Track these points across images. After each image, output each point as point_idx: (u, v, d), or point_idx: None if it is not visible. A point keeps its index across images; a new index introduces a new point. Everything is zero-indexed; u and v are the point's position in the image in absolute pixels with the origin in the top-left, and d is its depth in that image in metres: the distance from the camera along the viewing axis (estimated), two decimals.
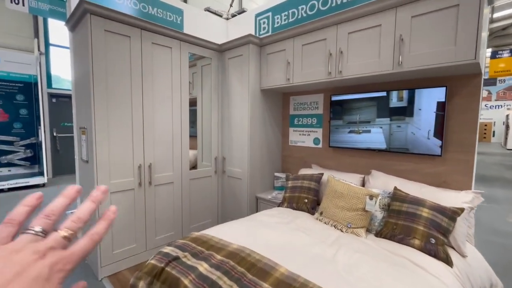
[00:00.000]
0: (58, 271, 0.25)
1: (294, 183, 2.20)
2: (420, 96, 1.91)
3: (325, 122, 2.64)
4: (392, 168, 2.17)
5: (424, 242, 1.42)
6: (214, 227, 1.72)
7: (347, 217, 1.68)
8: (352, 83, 2.22)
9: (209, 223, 2.93)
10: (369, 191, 1.70)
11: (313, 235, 1.56)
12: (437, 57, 1.59)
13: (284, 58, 2.45)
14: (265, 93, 2.77)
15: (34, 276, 0.24)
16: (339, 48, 2.03)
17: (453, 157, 1.88)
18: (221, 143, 2.96)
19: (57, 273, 0.25)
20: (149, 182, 2.35)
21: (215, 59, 2.86)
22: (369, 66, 1.89)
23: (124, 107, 2.14)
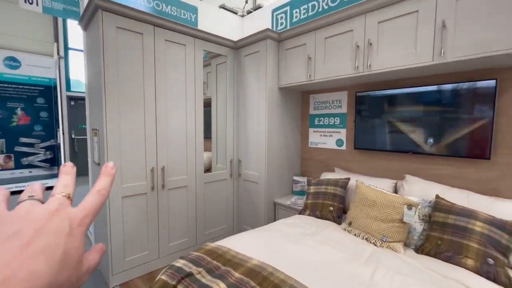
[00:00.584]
0: (77, 225, 0.24)
1: (317, 189, 2.01)
2: (464, 91, 1.67)
3: (349, 122, 2.43)
4: (428, 173, 1.92)
5: (480, 263, 1.20)
6: (231, 238, 1.56)
7: (381, 229, 1.47)
8: (382, 78, 2.01)
9: (224, 229, 2.78)
10: (407, 200, 1.48)
11: (344, 250, 1.37)
12: (491, 44, 1.36)
13: (304, 53, 2.27)
14: (283, 91, 2.60)
15: (55, 229, 0.23)
16: (368, 40, 1.83)
17: (505, 160, 1.63)
18: (237, 145, 2.82)
19: (77, 228, 0.24)
20: (162, 185, 2.23)
21: (231, 56, 2.72)
22: (404, 58, 1.68)
23: (137, 107, 2.05)
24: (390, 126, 2.00)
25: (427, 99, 1.81)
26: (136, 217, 2.10)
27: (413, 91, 1.89)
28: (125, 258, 2.06)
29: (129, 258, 2.08)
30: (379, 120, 2.08)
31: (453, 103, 1.71)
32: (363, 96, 2.18)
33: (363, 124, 2.18)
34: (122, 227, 2.02)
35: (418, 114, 1.86)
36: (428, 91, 1.81)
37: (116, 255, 2.00)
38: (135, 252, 2.11)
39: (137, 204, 2.10)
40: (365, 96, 2.16)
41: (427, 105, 1.82)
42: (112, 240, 1.97)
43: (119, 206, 1.99)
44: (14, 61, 4.73)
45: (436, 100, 1.78)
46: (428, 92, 1.80)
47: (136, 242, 2.11)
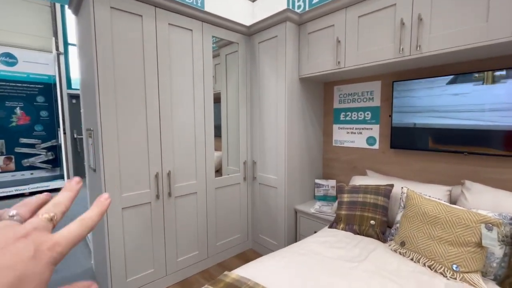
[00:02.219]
0: (46, 250, 0.23)
1: (352, 198, 1.68)
2: None
3: (383, 117, 2.08)
4: (487, 177, 1.58)
5: None
6: (253, 263, 1.25)
7: (450, 255, 1.14)
8: (434, 62, 1.65)
9: (238, 238, 2.48)
10: (484, 217, 1.15)
11: (406, 285, 1.04)
12: None
13: (332, 36, 1.92)
14: (304, 83, 2.27)
15: (15, 251, 0.22)
16: (418, 15, 1.48)
17: None
18: (251, 144, 2.50)
19: (45, 252, 0.23)
20: (169, 193, 1.94)
21: (243, 44, 2.39)
22: (469, 35, 1.32)
23: (137, 103, 1.74)
24: (439, 91, 1.63)
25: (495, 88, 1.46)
26: (139, 231, 1.81)
27: (468, 76, 1.53)
28: (127, 278, 1.78)
29: (132, 278, 1.80)
30: (424, 113, 1.73)
31: None
32: (404, 85, 1.82)
33: (401, 119, 1.84)
34: (123, 243, 1.73)
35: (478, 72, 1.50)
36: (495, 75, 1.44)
37: (117, 276, 1.72)
38: (138, 271, 1.83)
39: (140, 216, 1.81)
40: (407, 85, 1.81)
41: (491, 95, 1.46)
42: (111, 259, 1.69)
43: (119, 219, 1.71)
44: (10, 58, 4.47)
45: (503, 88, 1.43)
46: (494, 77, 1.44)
47: (139, 260, 1.83)
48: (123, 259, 1.74)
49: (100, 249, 1.83)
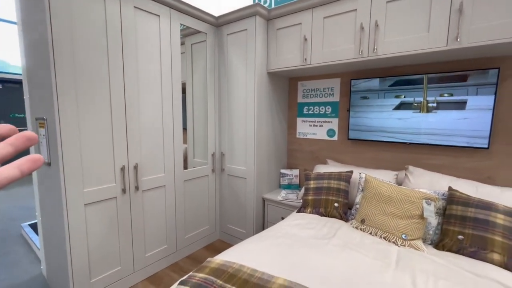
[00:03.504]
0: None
1: (318, 183, 1.85)
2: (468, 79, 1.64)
3: (342, 111, 2.31)
4: (424, 163, 1.91)
5: (507, 257, 1.16)
6: (236, 248, 1.31)
7: (400, 227, 1.37)
8: (387, 64, 1.89)
9: (207, 230, 2.50)
10: (425, 194, 1.40)
11: (368, 254, 1.23)
12: (509, 29, 1.31)
13: (299, 34, 2.04)
14: (272, 77, 2.36)
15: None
16: (375, 21, 1.68)
17: (502, 149, 1.65)
18: (219, 136, 2.51)
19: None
20: (136, 187, 1.85)
21: (211, 35, 2.36)
22: (415, 42, 1.56)
23: (100, 91, 1.61)
24: (388, 95, 1.91)
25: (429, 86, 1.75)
26: (104, 228, 1.70)
27: (412, 78, 1.82)
28: (92, 279, 1.66)
29: (97, 278, 1.69)
30: (374, 108, 1.99)
31: (456, 91, 1.67)
32: (359, 83, 2.05)
33: (357, 113, 2.07)
34: (86, 242, 1.61)
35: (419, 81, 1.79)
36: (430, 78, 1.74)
37: (79, 277, 1.59)
38: (104, 270, 1.72)
39: (104, 212, 1.69)
40: (361, 84, 2.04)
41: (428, 92, 1.76)
42: (73, 260, 1.56)
43: (81, 216, 1.58)
44: None
45: (438, 88, 1.73)
46: (430, 79, 1.73)
47: (105, 258, 1.72)
48: (86, 259, 1.62)
49: (57, 252, 1.67)
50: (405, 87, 1.84)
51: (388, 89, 1.92)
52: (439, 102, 1.71)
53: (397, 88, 1.88)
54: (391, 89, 1.91)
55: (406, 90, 1.84)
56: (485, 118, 1.59)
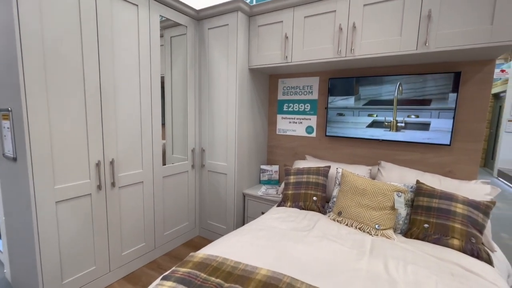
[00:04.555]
0: None
1: (297, 178, 1.91)
2: (433, 82, 1.78)
3: (320, 109, 2.39)
4: (395, 158, 2.05)
5: (465, 242, 1.29)
6: (218, 242, 1.32)
7: (374, 218, 1.47)
8: (362, 64, 1.99)
9: (186, 226, 2.47)
10: (396, 187, 1.51)
11: (345, 244, 1.30)
12: (470, 37, 1.44)
13: (281, 32, 2.08)
14: (253, 73, 2.38)
15: None
16: (353, 23, 1.76)
17: (461, 146, 1.82)
18: (200, 132, 2.49)
19: None
20: (112, 183, 1.78)
21: (192, 28, 2.32)
22: (388, 45, 1.66)
23: (73, 81, 1.52)
24: (362, 113, 2.03)
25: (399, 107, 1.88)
26: (77, 226, 1.62)
27: (387, 79, 1.93)
28: (63, 280, 1.58)
29: (69, 279, 1.61)
30: (350, 125, 2.09)
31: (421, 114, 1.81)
32: (337, 82, 2.14)
33: (333, 129, 2.18)
34: (57, 241, 1.52)
35: (390, 102, 1.92)
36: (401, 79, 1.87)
37: (50, 279, 1.51)
38: (77, 270, 1.64)
39: (78, 210, 1.61)
40: (339, 83, 2.13)
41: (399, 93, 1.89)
42: (42, 261, 1.47)
43: (52, 214, 1.49)
44: None
45: (407, 89, 1.86)
46: (400, 80, 1.86)
47: (78, 258, 1.64)
48: (57, 260, 1.53)
49: (24, 253, 1.56)
50: (378, 107, 1.97)
51: (362, 107, 2.04)
52: (407, 122, 1.86)
53: (371, 107, 2.00)
54: (365, 108, 2.03)
55: (378, 109, 1.97)
56: (446, 136, 1.75)
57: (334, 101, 2.17)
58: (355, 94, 2.07)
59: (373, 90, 1.99)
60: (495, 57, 1.67)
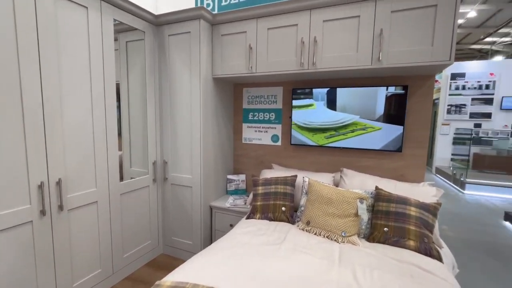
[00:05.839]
0: None
1: (266, 189, 1.91)
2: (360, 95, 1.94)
3: (285, 118, 2.44)
4: (356, 165, 2.18)
5: (419, 242, 1.42)
6: (187, 265, 1.23)
7: (340, 225, 1.53)
8: (323, 76, 2.08)
9: (148, 245, 2.30)
10: (358, 194, 1.60)
11: (316, 254, 1.32)
12: (415, 55, 1.60)
13: (245, 42, 2.07)
14: (217, 82, 2.33)
15: None
16: (314, 37, 1.83)
17: (410, 152, 2.01)
18: (161, 143, 2.34)
19: None
20: (59, 206, 1.57)
21: (150, 34, 2.19)
22: (346, 59, 1.77)
23: (6, 96, 1.30)
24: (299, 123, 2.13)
25: (358, 99, 2.02)
26: (14, 260, 1.38)
27: (321, 91, 2.06)
28: None
29: None
30: (305, 116, 2.18)
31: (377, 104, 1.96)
32: (300, 92, 2.21)
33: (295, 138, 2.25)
34: None
35: (349, 111, 2.05)
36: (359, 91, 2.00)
37: None
38: None
39: (16, 241, 1.38)
40: (301, 93, 2.20)
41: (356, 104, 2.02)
42: None
43: None
44: None
45: (363, 101, 2.00)
46: (359, 92, 2.00)
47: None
48: None
49: None
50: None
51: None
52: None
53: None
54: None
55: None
56: (398, 143, 1.92)
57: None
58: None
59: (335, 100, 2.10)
60: (435, 74, 1.89)
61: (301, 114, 2.22)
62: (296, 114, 2.25)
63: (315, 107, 2.17)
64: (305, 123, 2.21)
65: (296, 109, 2.24)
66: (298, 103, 2.23)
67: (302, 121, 2.22)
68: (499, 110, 6.04)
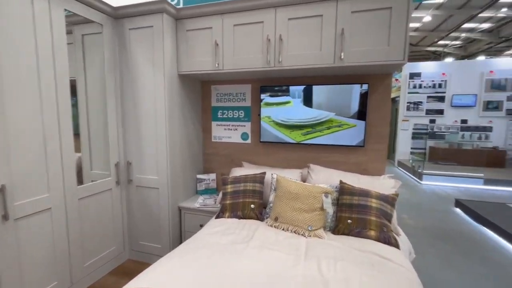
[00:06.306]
0: None
1: (235, 187, 1.89)
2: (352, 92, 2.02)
3: (254, 116, 2.44)
4: (323, 160, 2.25)
5: (379, 232, 1.50)
6: (152, 270, 1.18)
7: (306, 220, 1.56)
8: (289, 74, 2.11)
9: (113, 251, 2.17)
10: (324, 188, 1.65)
11: (282, 249, 1.34)
12: (374, 55, 1.69)
13: (211, 38, 2.03)
14: (183, 79, 2.26)
15: None
16: (280, 35, 1.85)
17: (372, 147, 2.13)
18: (124, 143, 2.22)
19: None
20: (3, 216, 1.41)
21: (109, 27, 2.05)
22: (311, 58, 1.81)
23: None
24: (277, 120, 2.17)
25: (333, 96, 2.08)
26: None
27: (297, 88, 2.11)
28: None
29: None
30: (282, 113, 2.20)
31: (342, 102, 2.04)
32: (267, 90, 2.22)
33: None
34: None
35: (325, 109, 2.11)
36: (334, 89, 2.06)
37: None
38: None
39: None
40: (269, 90, 2.22)
41: (322, 101, 2.09)
42: None
43: None
44: None
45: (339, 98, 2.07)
46: (334, 89, 2.06)
47: None
48: None
49: None
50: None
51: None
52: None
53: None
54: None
55: None
56: (361, 139, 2.02)
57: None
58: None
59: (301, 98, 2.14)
60: (392, 72, 2.01)
61: (278, 111, 2.23)
62: (273, 111, 2.25)
63: (292, 104, 2.19)
64: (282, 120, 2.23)
65: (273, 106, 2.25)
66: (275, 100, 2.22)
67: (280, 118, 2.23)
68: (450, 107, 6.64)
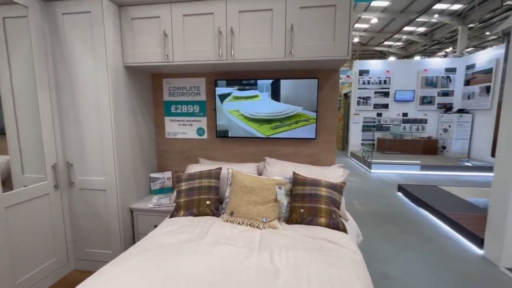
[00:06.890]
0: None
1: (189, 184, 1.83)
2: (302, 86, 2.09)
3: (209, 110, 2.38)
4: (278, 153, 2.30)
5: (328, 219, 1.59)
6: (95, 278, 1.07)
7: (261, 212, 1.58)
8: (243, 68, 2.09)
9: (54, 263, 1.95)
10: (277, 180, 1.68)
11: (237, 244, 1.33)
12: (321, 50, 1.76)
13: (159, 28, 1.91)
14: (130, 71, 2.10)
15: None
16: (231, 27, 1.82)
17: (323, 139, 2.24)
18: (63, 142, 1.99)
19: None
20: None
21: (37, 10, 1.80)
22: (263, 51, 1.82)
23: None
24: (246, 114, 2.17)
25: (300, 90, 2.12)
26: None
27: (265, 82, 2.13)
28: None
29: None
30: (251, 107, 2.19)
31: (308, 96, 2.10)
32: (222, 84, 2.19)
33: (222, 112, 2.23)
34: None
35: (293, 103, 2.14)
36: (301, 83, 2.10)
37: None
38: None
39: None
40: (224, 84, 2.18)
41: (289, 95, 2.12)
42: None
43: None
44: None
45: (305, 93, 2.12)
46: (301, 84, 2.10)
47: None
48: None
49: None
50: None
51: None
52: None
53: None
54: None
55: None
56: (313, 131, 2.10)
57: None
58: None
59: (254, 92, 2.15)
60: (339, 67, 2.13)
61: (247, 105, 2.20)
62: (242, 105, 2.21)
63: (260, 98, 2.18)
64: (251, 114, 2.20)
65: (242, 100, 2.20)
66: (244, 94, 2.18)
67: (249, 112, 2.20)
68: (394, 102, 7.33)
